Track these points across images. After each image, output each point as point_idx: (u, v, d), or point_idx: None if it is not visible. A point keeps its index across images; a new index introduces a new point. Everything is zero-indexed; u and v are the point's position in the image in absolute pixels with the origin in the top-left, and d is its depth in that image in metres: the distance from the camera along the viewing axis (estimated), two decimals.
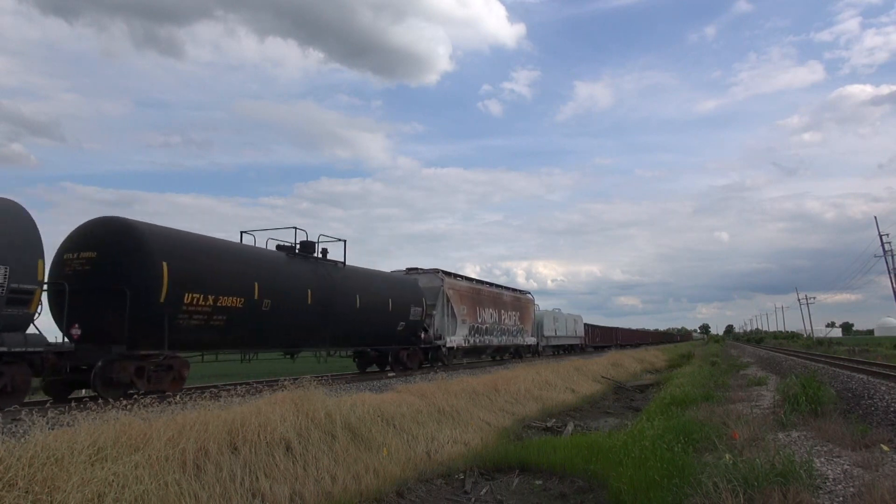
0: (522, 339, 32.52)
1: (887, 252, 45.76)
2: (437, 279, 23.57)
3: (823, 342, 63.56)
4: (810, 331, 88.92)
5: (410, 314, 20.48)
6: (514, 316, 31.13)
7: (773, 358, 32.93)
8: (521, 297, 33.33)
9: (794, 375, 14.06)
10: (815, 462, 6.89)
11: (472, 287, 26.79)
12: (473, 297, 26.23)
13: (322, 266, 16.86)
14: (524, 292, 34.84)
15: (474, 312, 25.89)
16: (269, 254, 15.40)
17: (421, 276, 23.44)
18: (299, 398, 9.32)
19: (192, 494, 6.32)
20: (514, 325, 30.96)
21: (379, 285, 19.48)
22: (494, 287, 30.12)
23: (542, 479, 9.79)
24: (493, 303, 28.38)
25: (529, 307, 34.52)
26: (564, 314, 46.04)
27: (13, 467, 5.34)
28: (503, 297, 30.31)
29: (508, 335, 30.10)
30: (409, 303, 20.50)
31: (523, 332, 32.53)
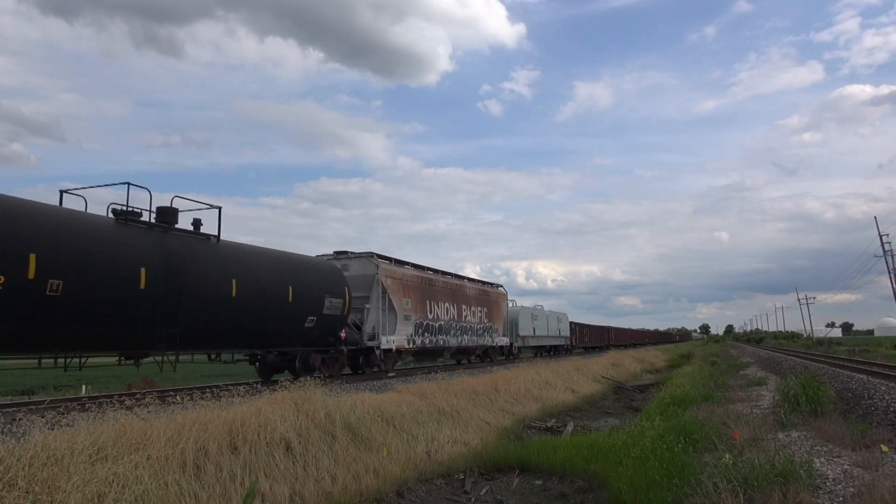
0: (491, 339, 28.20)
1: (887, 252, 45.74)
2: (371, 265, 19.20)
3: (823, 342, 63.56)
4: (810, 331, 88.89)
5: (325, 307, 16.02)
6: (479, 312, 26.95)
7: (772, 358, 32.94)
8: (489, 291, 29.05)
9: (793, 375, 14.05)
10: (815, 462, 6.89)
11: (421, 276, 22.41)
12: (422, 289, 22.01)
13: (176, 239, 12.46)
14: (494, 285, 30.73)
15: (423, 307, 21.70)
16: (66, 216, 10.87)
17: (350, 262, 19.34)
18: (300, 398, 9.32)
19: (192, 494, 6.32)
20: (479, 323, 26.80)
21: (272, 269, 14.80)
22: (453, 277, 25.70)
23: (542, 479, 9.79)
24: (450, 296, 24.23)
25: (500, 302, 30.31)
26: (546, 311, 40.95)
27: (13, 467, 5.34)
28: (465, 290, 25.99)
29: (472, 335, 25.94)
30: (322, 293, 16.05)
31: (492, 332, 28.37)
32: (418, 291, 21.63)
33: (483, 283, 29.15)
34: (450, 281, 25.07)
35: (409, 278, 21.23)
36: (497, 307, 29.64)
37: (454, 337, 24.16)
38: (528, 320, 36.03)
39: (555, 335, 41.30)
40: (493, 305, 28.98)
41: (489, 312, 28.17)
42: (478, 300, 27.14)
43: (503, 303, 30.93)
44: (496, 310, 29.30)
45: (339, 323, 17.07)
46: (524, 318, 35.12)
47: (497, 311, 29.46)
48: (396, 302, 19.86)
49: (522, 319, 34.68)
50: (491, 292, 29.48)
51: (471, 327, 25.90)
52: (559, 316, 43.95)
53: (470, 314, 25.91)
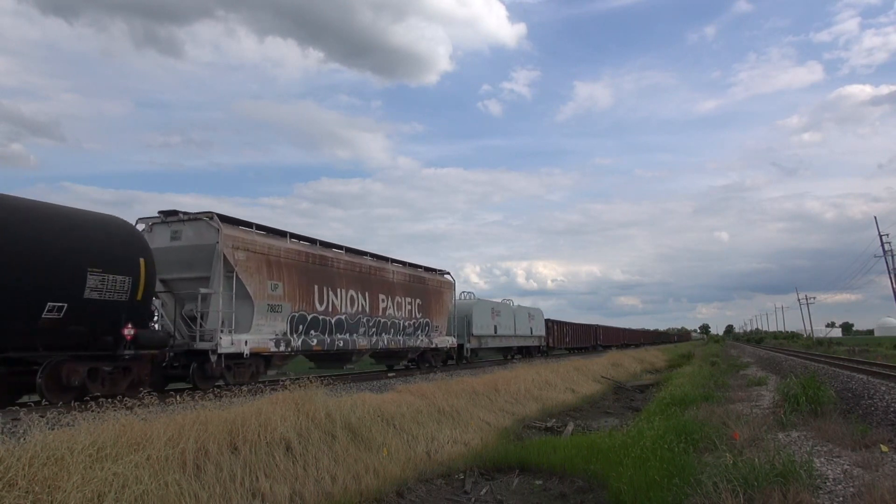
0: (427, 339, 22.56)
1: (887, 252, 45.76)
2: (209, 230, 13.60)
3: (823, 342, 63.58)
4: (810, 331, 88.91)
5: (87, 287, 10.53)
6: (409, 305, 21.32)
7: (772, 358, 32.95)
8: (426, 278, 23.14)
9: (793, 375, 14.07)
10: (815, 462, 6.90)
11: (305, 252, 16.37)
12: (307, 270, 16.18)
13: None
14: (435, 271, 24.63)
15: (308, 294, 16.09)
16: None
17: (184, 227, 13.84)
18: (300, 398, 9.33)
19: (192, 494, 6.32)
20: (409, 319, 21.21)
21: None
22: (366, 257, 19.64)
23: (542, 479, 9.79)
24: (358, 282, 18.44)
25: (444, 293, 24.46)
26: (513, 306, 35.00)
27: (13, 467, 5.34)
28: (385, 275, 20.09)
29: (397, 333, 20.30)
30: (82, 263, 10.52)
31: (429, 330, 22.74)
32: (299, 273, 15.78)
33: (416, 268, 23.14)
34: (358, 261, 18.88)
35: (280, 253, 15.21)
36: (438, 299, 23.79)
37: (366, 336, 18.43)
38: (487, 316, 30.03)
39: (524, 335, 35.64)
40: (432, 296, 23.26)
41: (425, 305, 22.54)
42: (407, 289, 21.42)
43: (448, 294, 24.93)
44: (436, 302, 23.57)
45: (122, 314, 11.14)
46: (481, 314, 29.20)
47: (438, 303, 23.70)
48: (255, 286, 14.11)
49: (478, 315, 28.76)
50: (429, 279, 23.36)
51: (394, 324, 20.25)
52: (531, 312, 38.03)
53: (393, 307, 20.18)
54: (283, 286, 15.17)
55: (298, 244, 16.50)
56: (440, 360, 24.71)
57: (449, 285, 25.34)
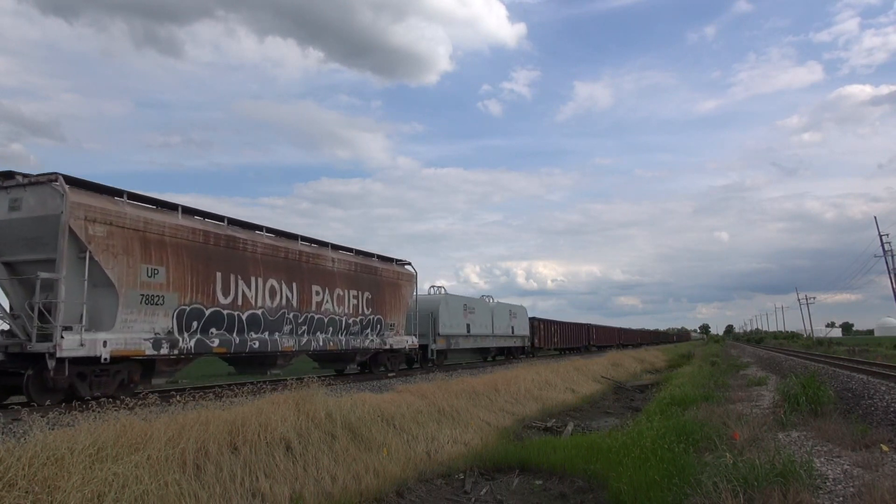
0: (380, 339, 19.23)
1: (887, 252, 45.75)
2: (54, 197, 10.44)
3: (823, 342, 63.56)
4: (810, 331, 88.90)
5: None
6: (354, 299, 17.95)
7: (772, 358, 32.95)
8: (377, 268, 19.58)
9: (794, 375, 14.07)
10: (815, 462, 6.90)
11: (199, 230, 12.80)
12: (204, 252, 12.76)
13: None
14: (393, 261, 21.14)
15: (207, 282, 12.69)
16: None
17: (24, 193, 10.70)
18: (301, 398, 9.34)
19: (192, 494, 6.33)
20: (354, 315, 17.85)
21: None
22: (297, 241, 16.27)
23: (542, 479, 9.80)
24: (282, 269, 15.05)
25: (402, 287, 21.04)
26: (491, 303, 31.51)
27: (13, 467, 5.35)
28: (322, 263, 16.78)
29: (337, 333, 17.05)
30: None
31: (382, 328, 19.42)
32: (193, 256, 12.46)
33: (367, 256, 19.55)
34: (284, 245, 15.45)
35: (164, 231, 11.90)
36: (394, 293, 20.40)
37: (293, 336, 15.28)
38: (457, 314, 26.48)
39: (504, 334, 32.15)
40: (386, 290, 19.90)
41: (376, 300, 19.18)
42: (352, 280, 18.03)
43: (408, 287, 21.53)
44: (392, 297, 20.22)
45: None
46: (450, 311, 25.65)
47: (394, 298, 20.32)
48: (120, 270, 11.00)
49: (447, 312, 25.27)
50: (382, 270, 19.86)
51: (334, 321, 16.94)
52: (513, 309, 34.60)
53: (332, 301, 16.89)
54: (166, 272, 11.77)
55: (194, 220, 12.95)
56: (398, 363, 21.30)
57: (409, 277, 21.75)
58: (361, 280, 18.65)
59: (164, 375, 12.58)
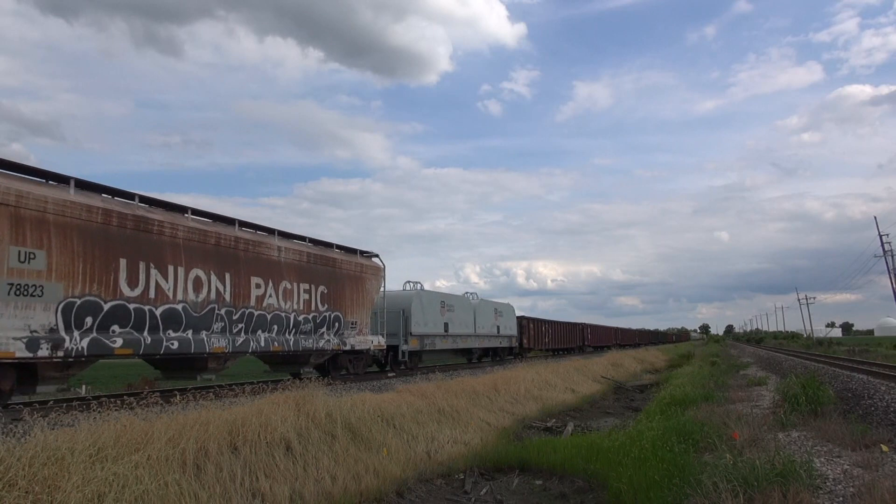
0: (338, 338, 17.16)
1: (887, 252, 45.75)
2: None
3: (823, 342, 63.60)
4: (810, 331, 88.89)
5: None
6: (306, 293, 15.99)
7: (772, 358, 32.95)
8: (336, 260, 17.46)
9: (794, 375, 14.07)
10: (815, 462, 6.90)
11: (98, 208, 10.81)
12: (104, 235, 10.87)
13: None
14: (356, 252, 18.86)
15: (106, 270, 10.80)
16: None
17: None
18: (301, 398, 9.34)
19: (192, 494, 6.33)
20: (304, 312, 15.78)
21: None
22: (234, 227, 14.20)
23: (542, 479, 9.80)
24: (211, 258, 13.09)
25: (365, 280, 18.63)
26: (474, 301, 29.15)
27: (13, 467, 5.35)
28: (265, 252, 14.73)
29: (283, 332, 15.06)
30: None
31: (341, 327, 17.30)
32: (88, 239, 10.59)
33: (324, 246, 17.51)
34: (214, 230, 13.39)
35: (46, 207, 9.97)
36: (356, 287, 18.13)
37: (226, 335, 13.26)
38: (433, 311, 24.19)
39: (488, 333, 29.93)
40: (346, 284, 17.67)
41: (334, 295, 17.05)
42: (303, 272, 15.98)
43: (373, 281, 19.15)
44: (353, 291, 17.97)
45: None
46: (424, 308, 23.36)
47: (356, 293, 18.08)
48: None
49: (420, 309, 23.01)
50: (341, 262, 17.61)
51: (279, 318, 14.94)
52: (498, 307, 32.28)
53: (277, 295, 14.90)
54: (47, 257, 9.90)
55: (91, 197, 10.91)
56: (362, 365, 19.00)
57: (375, 271, 19.30)
58: (316, 272, 16.54)
59: (53, 382, 10.47)
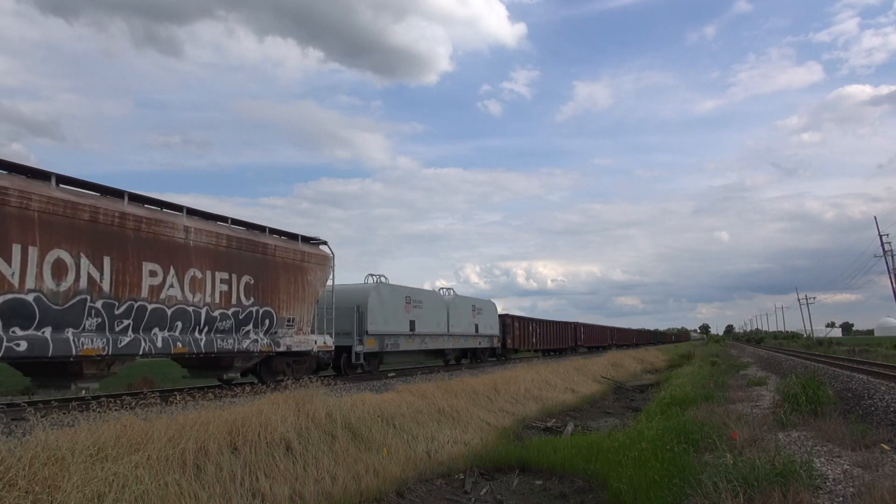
0: (269, 339, 14.64)
1: (887, 252, 45.75)
2: None
3: (823, 342, 63.59)
4: (810, 331, 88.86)
5: None
6: (223, 284, 13.40)
7: (773, 358, 32.94)
8: (267, 245, 14.91)
9: (794, 375, 14.06)
10: (816, 462, 6.90)
11: None
12: None
13: None
14: (297, 238, 16.42)
15: None
16: None
17: None
18: (301, 398, 9.34)
19: (192, 494, 6.33)
20: (220, 307, 13.26)
21: None
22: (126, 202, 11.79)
23: (542, 479, 9.80)
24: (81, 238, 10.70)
25: (308, 272, 16.17)
26: (447, 296, 26.60)
27: (13, 467, 5.35)
28: (168, 232, 12.27)
29: (190, 330, 12.54)
30: None
31: (273, 325, 14.77)
32: None
33: (250, 228, 14.94)
34: (88, 203, 10.96)
35: None
36: (295, 278, 15.66)
37: (103, 333, 10.85)
38: (395, 307, 21.46)
39: (465, 333, 27.24)
40: (281, 274, 15.21)
41: (263, 287, 14.51)
42: (220, 259, 13.43)
43: (318, 272, 16.58)
44: (290, 283, 15.51)
45: None
46: (384, 303, 20.54)
47: (294, 285, 15.60)
48: None
49: (379, 305, 20.19)
50: (274, 247, 15.10)
51: (187, 314, 12.44)
52: (477, 304, 29.33)
53: (182, 285, 12.41)
54: None
55: None
56: (304, 369, 16.08)
57: (321, 260, 16.78)
58: (239, 260, 13.94)
59: None
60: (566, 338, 45.29)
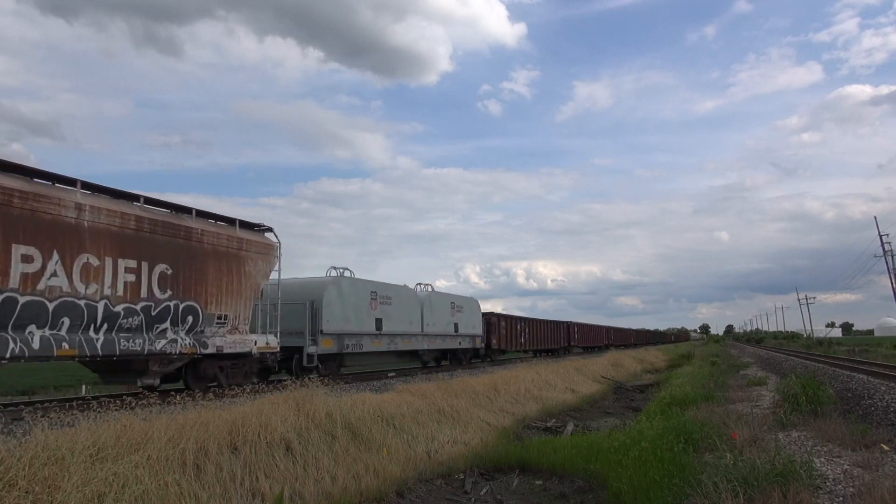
0: (195, 338, 12.63)
1: (887, 252, 45.74)
2: None
3: (823, 342, 63.59)
4: (810, 331, 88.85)
5: None
6: (130, 273, 11.38)
7: (772, 358, 32.94)
8: (194, 230, 12.97)
9: (794, 375, 14.07)
10: (815, 462, 6.90)
11: None
12: None
13: None
14: (232, 222, 14.31)
15: None
16: None
17: None
18: (301, 398, 9.34)
19: (192, 494, 6.32)
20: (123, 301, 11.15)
21: None
22: None
23: (542, 479, 9.80)
24: None
25: (247, 262, 14.20)
26: (422, 293, 24.69)
27: (13, 467, 5.35)
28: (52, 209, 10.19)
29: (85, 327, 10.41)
30: None
31: (198, 322, 12.77)
32: None
33: (170, 209, 12.83)
34: None
35: None
36: (228, 269, 13.66)
37: None
38: (359, 304, 19.30)
39: (443, 332, 25.09)
40: (210, 263, 13.14)
41: (185, 277, 12.47)
42: (127, 243, 11.45)
43: (259, 263, 14.60)
44: (224, 274, 13.52)
45: None
46: (344, 299, 18.41)
47: (227, 276, 13.59)
48: None
49: (339, 301, 18.10)
50: (202, 233, 13.10)
51: (78, 308, 10.40)
52: (457, 301, 27.14)
53: (71, 274, 10.37)
54: None
55: None
56: (242, 374, 14.32)
57: (264, 249, 14.84)
58: (151, 245, 11.77)
59: None
60: (558, 338, 43.35)
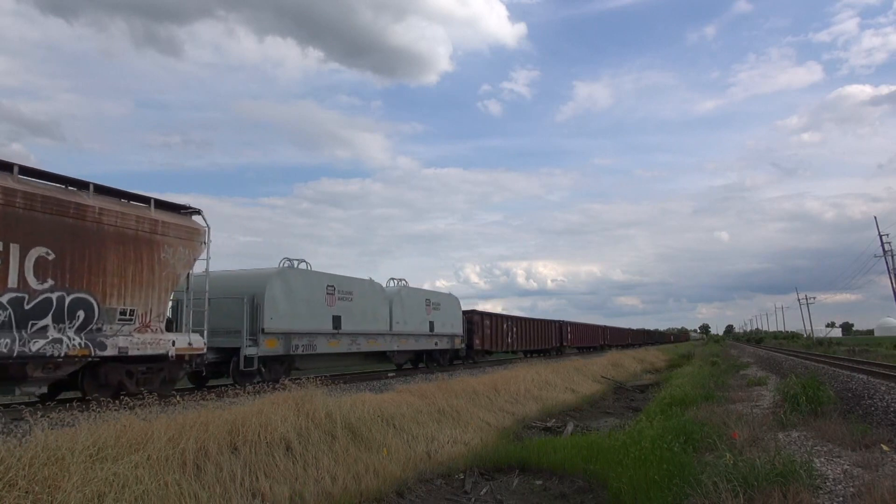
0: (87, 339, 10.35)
1: (887, 252, 45.75)
2: None
3: (823, 342, 63.61)
4: (810, 331, 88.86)
5: None
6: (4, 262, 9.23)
7: (772, 358, 32.94)
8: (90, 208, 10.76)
9: (794, 375, 14.08)
10: (815, 462, 6.90)
11: None
12: None
13: None
14: (146, 200, 12.20)
15: None
16: None
17: None
18: (301, 398, 9.34)
19: (192, 494, 6.32)
20: None
21: None
22: None
23: (542, 479, 9.79)
24: None
25: (160, 247, 12.00)
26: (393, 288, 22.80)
27: (13, 467, 5.35)
28: None
29: None
30: None
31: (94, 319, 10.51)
32: None
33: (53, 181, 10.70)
34: None
35: None
36: (137, 255, 11.57)
37: None
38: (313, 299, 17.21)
39: (416, 332, 23.08)
40: (111, 248, 11.06)
41: (73, 264, 10.41)
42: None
43: (178, 249, 12.48)
44: (133, 262, 11.47)
45: None
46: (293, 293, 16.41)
47: (134, 264, 11.49)
48: None
49: (284, 294, 16.06)
50: (96, 210, 10.93)
51: None
52: (433, 298, 24.95)
53: None
54: None
55: None
56: (160, 380, 12.16)
57: (186, 233, 12.77)
58: (24, 224, 9.74)
59: None
60: (550, 338, 41.16)
